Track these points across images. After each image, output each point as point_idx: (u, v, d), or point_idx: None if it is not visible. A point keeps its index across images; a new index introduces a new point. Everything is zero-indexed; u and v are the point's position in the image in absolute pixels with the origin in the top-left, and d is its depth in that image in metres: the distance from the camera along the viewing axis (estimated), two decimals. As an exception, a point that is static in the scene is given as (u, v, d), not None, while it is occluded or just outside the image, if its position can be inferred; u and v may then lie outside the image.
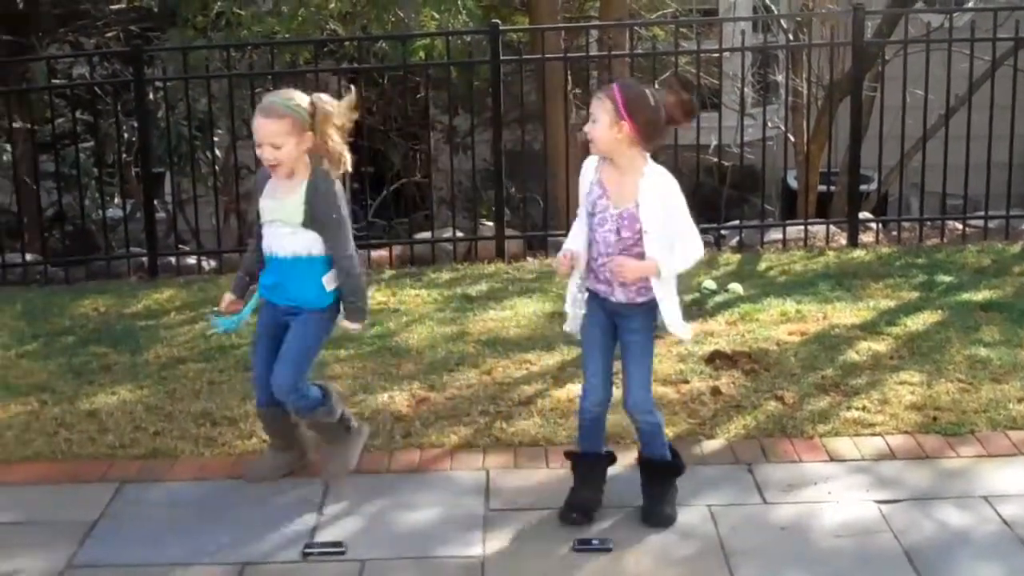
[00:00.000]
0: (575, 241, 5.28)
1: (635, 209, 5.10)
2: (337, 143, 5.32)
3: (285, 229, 5.34)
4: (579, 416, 5.43)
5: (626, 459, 5.65)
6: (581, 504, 5.37)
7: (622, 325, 5.29)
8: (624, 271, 5.10)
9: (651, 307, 5.26)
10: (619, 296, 5.21)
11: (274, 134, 5.20)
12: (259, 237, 5.51)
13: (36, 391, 7.07)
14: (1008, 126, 9.69)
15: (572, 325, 5.37)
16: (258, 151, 5.28)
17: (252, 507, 5.53)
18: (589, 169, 5.28)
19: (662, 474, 5.43)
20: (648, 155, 5.17)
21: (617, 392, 5.35)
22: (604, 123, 5.06)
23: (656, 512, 5.35)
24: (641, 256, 5.12)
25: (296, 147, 5.23)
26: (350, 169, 5.45)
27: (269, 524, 5.38)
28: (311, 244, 5.34)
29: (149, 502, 5.66)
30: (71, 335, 8.24)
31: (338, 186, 5.37)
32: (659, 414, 5.43)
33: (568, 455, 5.54)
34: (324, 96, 5.34)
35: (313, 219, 5.29)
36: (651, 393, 5.38)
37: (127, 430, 6.41)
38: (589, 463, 5.46)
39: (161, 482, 5.85)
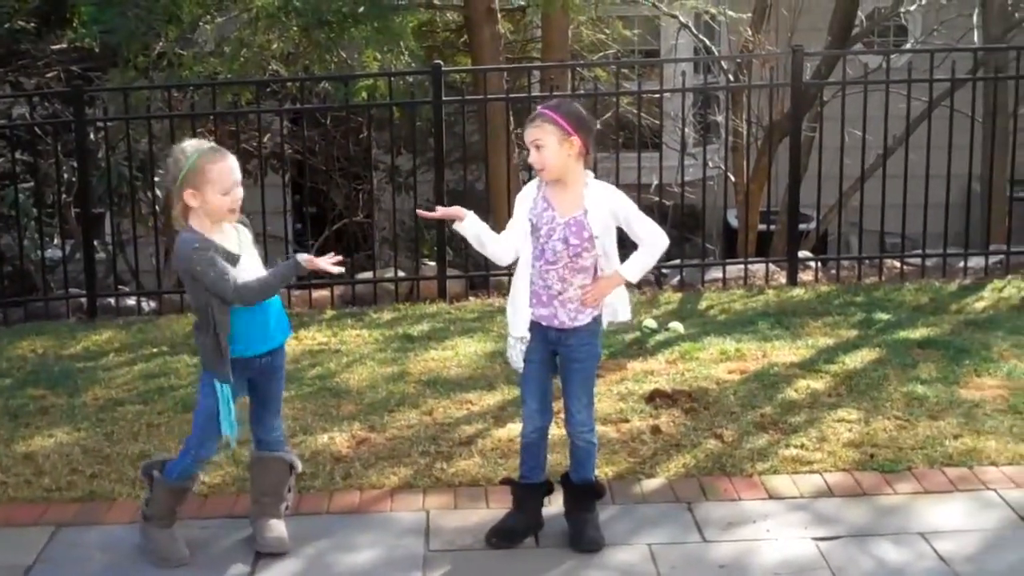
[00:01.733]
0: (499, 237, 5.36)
1: (582, 216, 5.20)
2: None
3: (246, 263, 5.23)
4: (521, 443, 5.52)
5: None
6: (504, 529, 5.45)
7: (565, 354, 5.35)
8: (597, 294, 5.20)
9: (593, 330, 5.32)
10: (562, 318, 5.26)
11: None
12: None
13: (-28, 434, 6.99)
14: (945, 166, 9.80)
15: (512, 360, 5.45)
16: (227, 198, 5.09)
17: (189, 550, 5.47)
18: (531, 188, 5.37)
19: (590, 497, 5.51)
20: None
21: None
22: (553, 145, 5.13)
23: (589, 537, 5.41)
24: (589, 265, 5.24)
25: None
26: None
27: (207, 567, 5.35)
28: None
29: (86, 545, 5.61)
30: (8, 377, 8.17)
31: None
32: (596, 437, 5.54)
33: (505, 481, 5.63)
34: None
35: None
36: (593, 414, 5.48)
37: (64, 473, 6.35)
38: (524, 490, 5.51)
39: (98, 525, 5.80)
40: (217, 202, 5.05)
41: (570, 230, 5.20)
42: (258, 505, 5.49)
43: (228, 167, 5.06)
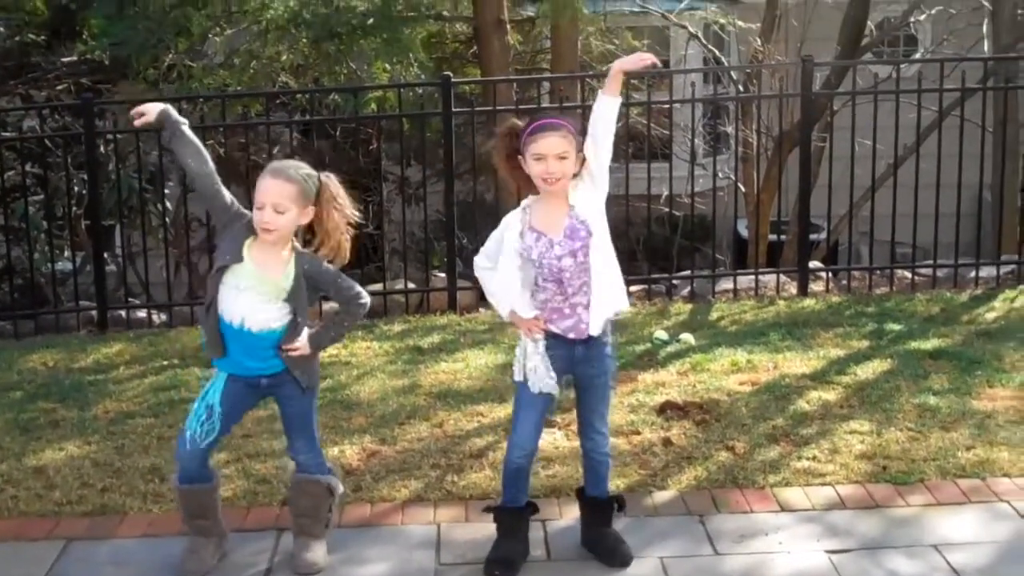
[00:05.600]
0: (517, 300, 5.23)
1: (573, 215, 5.10)
2: (337, 225, 5.16)
3: (257, 299, 5.12)
4: (504, 468, 5.39)
5: (549, 512, 5.64)
6: (503, 559, 5.35)
7: (585, 369, 5.25)
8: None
9: (611, 343, 5.30)
10: (595, 322, 5.16)
11: (281, 196, 5.00)
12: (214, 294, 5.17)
13: (-18, 447, 7.00)
14: (956, 175, 9.78)
15: (545, 384, 5.22)
16: (257, 213, 5.02)
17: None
18: (513, 221, 5.21)
19: (612, 511, 5.47)
20: None
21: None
22: (573, 157, 5.07)
23: (621, 551, 5.38)
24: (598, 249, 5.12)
25: (296, 217, 5.06)
26: (346, 259, 5.25)
27: (218, 581, 5.34)
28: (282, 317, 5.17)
29: (96, 560, 5.59)
30: (19, 390, 8.17)
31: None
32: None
33: (488, 509, 5.50)
34: (333, 176, 5.24)
35: (308, 290, 5.16)
36: None
37: (74, 487, 6.34)
38: (512, 515, 5.42)
39: (109, 539, 5.78)
40: (254, 214, 5.05)
41: (571, 240, 5.11)
42: (297, 524, 5.48)
43: (266, 183, 5.04)
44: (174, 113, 5.26)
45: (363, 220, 5.41)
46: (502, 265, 5.22)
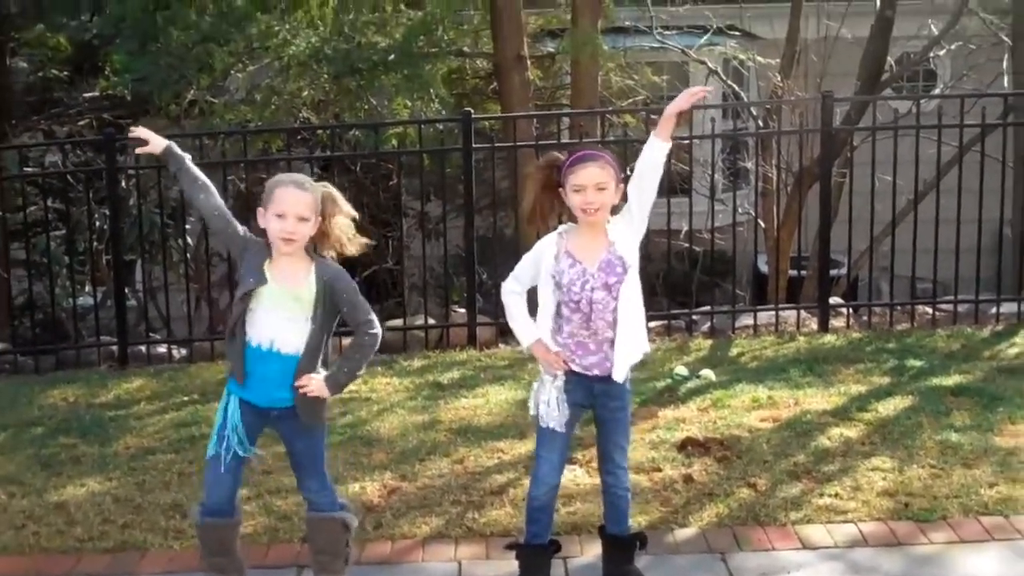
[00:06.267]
0: (540, 328, 5.25)
1: (612, 250, 5.13)
2: (340, 227, 5.23)
3: (284, 317, 5.13)
4: (528, 505, 5.38)
5: (570, 549, 5.62)
6: None
7: (605, 403, 5.25)
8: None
9: (630, 378, 5.30)
10: (620, 366, 5.16)
11: (305, 206, 5.06)
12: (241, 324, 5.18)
13: (4, 483, 7.01)
14: (976, 210, 9.76)
15: (556, 420, 5.24)
16: (278, 223, 5.05)
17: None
18: (549, 244, 5.24)
19: (634, 548, 5.45)
20: None
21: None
22: (612, 189, 5.12)
23: None
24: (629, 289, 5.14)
25: (313, 227, 5.12)
26: (353, 252, 5.32)
27: (238, 618, 5.32)
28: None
29: (117, 596, 5.61)
30: (40, 426, 8.19)
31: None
32: None
33: (511, 547, 5.49)
34: (328, 184, 5.32)
35: (328, 304, 5.16)
36: None
37: (96, 523, 6.35)
38: (535, 553, 5.41)
39: (130, 575, 5.79)
40: (271, 224, 5.07)
41: (606, 273, 5.13)
42: (316, 562, 5.48)
43: (289, 194, 5.08)
44: (177, 149, 5.35)
45: (382, 254, 5.42)
46: (540, 287, 5.23)
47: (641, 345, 5.26)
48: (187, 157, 5.32)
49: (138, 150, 5.48)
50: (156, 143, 5.38)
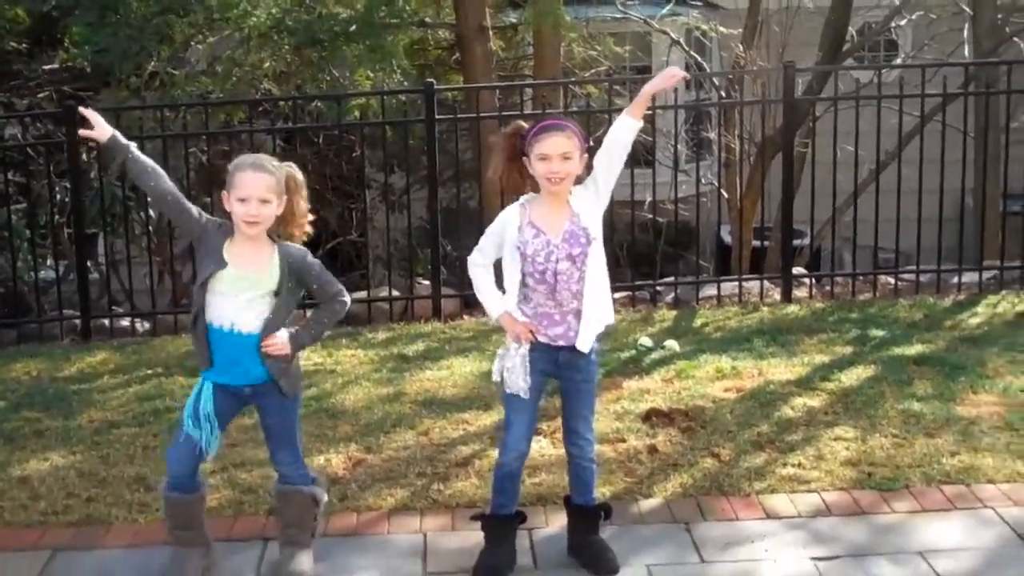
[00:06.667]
0: (508, 299, 5.25)
1: (576, 221, 5.13)
2: (304, 212, 5.24)
3: (245, 299, 5.10)
4: (496, 473, 5.38)
5: (535, 520, 5.64)
6: (490, 567, 5.35)
7: (571, 375, 5.27)
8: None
9: (598, 349, 5.31)
10: (585, 336, 5.17)
11: (267, 188, 5.05)
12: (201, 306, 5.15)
13: (-34, 458, 6.98)
14: (938, 180, 9.81)
15: (518, 387, 5.23)
16: (241, 207, 5.03)
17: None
18: (512, 214, 5.24)
19: (599, 519, 5.48)
20: None
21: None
22: (577, 158, 5.12)
23: (607, 558, 5.39)
24: (593, 260, 5.15)
25: (276, 208, 5.10)
26: (310, 232, 5.32)
27: (204, 591, 5.32)
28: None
29: (82, 570, 5.58)
30: (2, 400, 8.15)
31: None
32: None
33: (476, 518, 5.50)
34: (293, 165, 5.30)
35: (293, 286, 5.16)
36: None
37: (60, 496, 6.32)
38: (501, 523, 5.41)
39: (94, 549, 5.76)
40: (235, 208, 5.06)
41: (569, 244, 5.14)
42: (284, 535, 5.48)
43: (249, 177, 5.06)
44: (122, 138, 5.28)
45: (346, 226, 5.43)
46: (504, 259, 5.23)
47: (606, 316, 5.27)
48: (132, 145, 5.26)
49: (82, 132, 5.42)
50: (102, 131, 5.30)
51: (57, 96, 13.19)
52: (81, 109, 5.52)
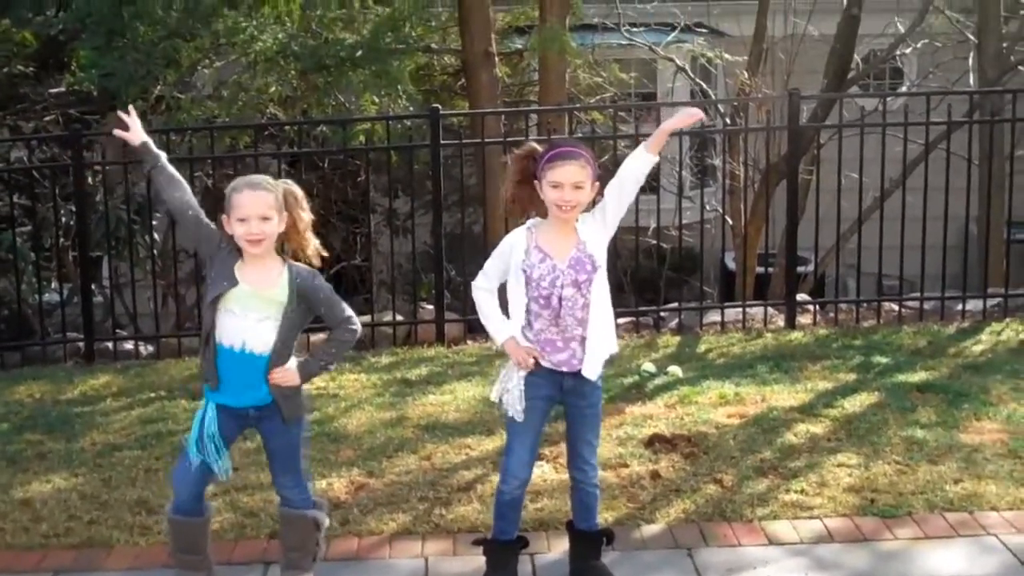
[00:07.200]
0: (512, 324, 5.25)
1: (583, 248, 5.14)
2: (307, 225, 5.24)
3: (255, 319, 5.11)
4: (497, 499, 5.36)
5: (537, 545, 5.62)
6: None
7: (575, 400, 5.26)
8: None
9: (602, 374, 5.30)
10: (591, 364, 5.17)
11: (262, 206, 5.04)
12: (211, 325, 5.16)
13: (-31, 480, 6.98)
14: (942, 208, 9.81)
15: (515, 410, 5.23)
16: (241, 227, 5.03)
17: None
18: (519, 237, 5.24)
19: (601, 544, 5.47)
20: None
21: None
22: (588, 187, 5.12)
23: None
24: (598, 288, 5.15)
25: (277, 225, 5.10)
26: (323, 253, 5.32)
27: (205, 614, 5.31)
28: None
29: (83, 593, 5.59)
30: (5, 422, 8.15)
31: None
32: None
33: (478, 543, 5.49)
34: (290, 181, 5.31)
35: (301, 306, 5.16)
36: None
37: (61, 519, 6.32)
38: (502, 549, 5.40)
39: (96, 572, 5.77)
40: (236, 230, 5.06)
41: (575, 270, 5.12)
42: (286, 559, 5.47)
43: (246, 197, 5.06)
44: (153, 146, 5.31)
45: (350, 250, 5.42)
46: (509, 282, 5.23)
47: (610, 344, 5.26)
48: (163, 155, 5.30)
49: (116, 132, 5.44)
50: (136, 135, 5.34)
51: (63, 120, 13.21)
52: (120, 113, 5.53)
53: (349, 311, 5.28)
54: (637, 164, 5.18)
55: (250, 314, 5.09)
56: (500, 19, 14.19)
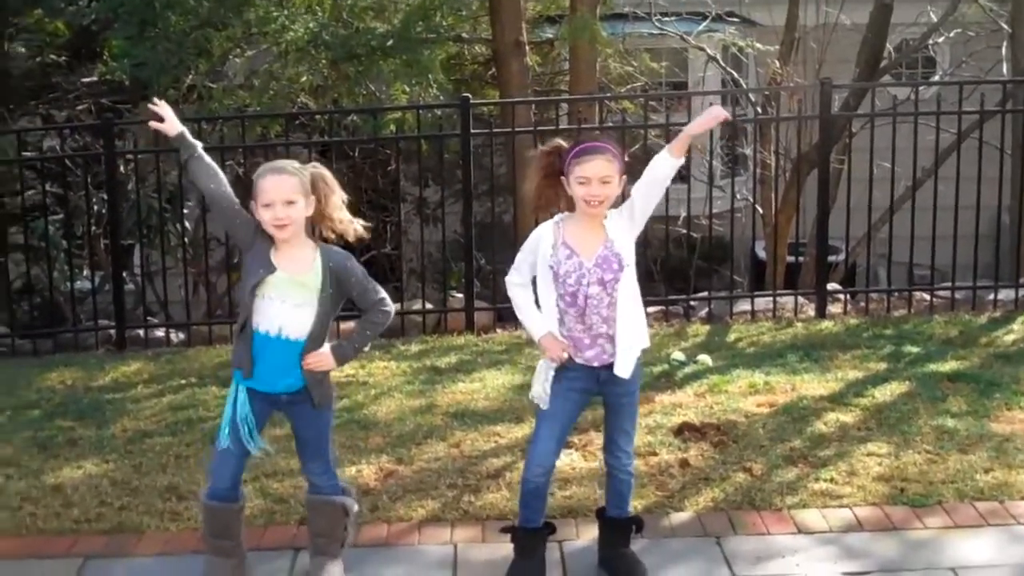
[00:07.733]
0: (547, 319, 5.24)
1: (610, 247, 5.12)
2: (338, 207, 5.25)
3: (292, 304, 5.12)
4: (522, 487, 5.35)
5: (566, 532, 5.63)
6: None
7: (612, 390, 5.26)
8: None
9: (640, 362, 5.30)
10: (623, 362, 5.16)
11: (290, 189, 5.05)
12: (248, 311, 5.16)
13: (1, 465, 7.02)
14: (974, 197, 9.77)
15: (544, 400, 5.24)
16: (267, 213, 5.04)
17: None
18: (546, 232, 5.23)
19: (630, 531, 5.48)
20: None
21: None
22: (615, 182, 5.11)
23: (639, 571, 5.40)
24: (627, 286, 5.13)
25: (304, 208, 5.10)
26: (363, 233, 5.34)
27: (234, 600, 5.33)
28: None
29: (114, 577, 5.62)
30: (37, 408, 8.20)
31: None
32: None
33: (506, 530, 5.50)
34: (318, 164, 5.33)
35: (335, 289, 5.16)
36: None
37: (92, 504, 6.36)
38: (530, 535, 5.40)
39: (126, 557, 5.80)
40: (263, 216, 5.08)
41: (602, 268, 5.11)
42: (314, 544, 5.49)
43: (270, 182, 5.08)
44: (189, 136, 5.32)
45: (380, 239, 5.42)
46: (538, 278, 5.23)
47: (641, 340, 5.26)
48: (199, 145, 5.31)
49: (152, 124, 5.46)
50: (172, 125, 5.35)
51: (95, 109, 13.28)
52: (155, 101, 5.54)
53: (382, 292, 5.29)
54: (662, 167, 5.16)
55: (288, 300, 5.10)
56: (531, 8, 14.19)
